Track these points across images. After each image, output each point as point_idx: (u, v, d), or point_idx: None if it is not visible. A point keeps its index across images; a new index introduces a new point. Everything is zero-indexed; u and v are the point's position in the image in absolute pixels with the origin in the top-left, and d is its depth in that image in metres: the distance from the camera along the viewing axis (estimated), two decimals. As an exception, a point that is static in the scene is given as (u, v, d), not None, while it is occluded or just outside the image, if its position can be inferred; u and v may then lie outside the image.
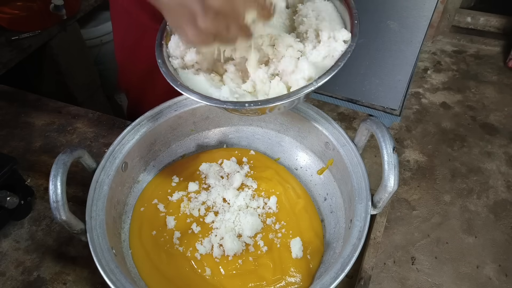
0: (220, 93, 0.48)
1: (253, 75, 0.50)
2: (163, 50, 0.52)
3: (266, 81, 0.50)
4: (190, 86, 0.49)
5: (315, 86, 0.45)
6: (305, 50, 0.50)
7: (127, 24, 0.83)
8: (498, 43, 2.29)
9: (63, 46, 1.34)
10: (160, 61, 0.51)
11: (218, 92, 0.48)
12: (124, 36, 0.87)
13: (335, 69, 0.45)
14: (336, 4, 0.53)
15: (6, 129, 0.82)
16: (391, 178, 0.49)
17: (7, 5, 1.18)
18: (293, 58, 0.49)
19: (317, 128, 0.63)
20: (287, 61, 0.49)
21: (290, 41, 0.50)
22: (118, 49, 0.90)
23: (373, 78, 1.53)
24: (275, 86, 0.49)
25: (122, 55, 0.91)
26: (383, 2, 1.14)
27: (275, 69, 0.51)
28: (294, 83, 0.48)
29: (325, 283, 0.46)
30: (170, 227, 0.60)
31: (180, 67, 0.52)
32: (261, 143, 0.72)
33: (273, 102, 0.45)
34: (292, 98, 0.45)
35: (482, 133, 1.87)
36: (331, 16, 0.52)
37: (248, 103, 0.45)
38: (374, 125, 0.52)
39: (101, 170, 0.56)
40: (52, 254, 0.63)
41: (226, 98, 0.47)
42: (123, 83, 0.96)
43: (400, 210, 1.59)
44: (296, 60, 0.49)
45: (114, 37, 0.90)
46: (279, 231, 0.60)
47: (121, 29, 0.87)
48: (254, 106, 0.45)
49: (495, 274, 1.41)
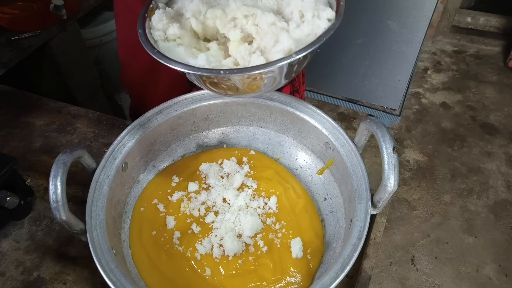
0: (196, 61, 0.47)
1: (234, 52, 0.50)
2: (145, 22, 0.52)
3: (247, 57, 0.49)
4: (169, 55, 0.49)
5: (294, 57, 0.44)
6: (288, 28, 0.50)
7: (130, 22, 0.83)
8: (498, 43, 2.29)
9: (63, 46, 1.34)
10: (141, 31, 0.51)
11: (194, 60, 0.48)
12: (127, 34, 0.87)
13: (317, 43, 0.45)
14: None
15: (6, 129, 0.82)
16: (391, 178, 0.49)
17: (7, 5, 1.18)
18: (274, 34, 0.49)
19: (317, 128, 0.63)
20: (268, 37, 0.48)
21: (273, 19, 0.50)
22: (121, 47, 0.90)
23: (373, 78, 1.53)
24: (255, 60, 0.48)
25: (125, 53, 0.91)
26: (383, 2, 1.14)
27: (258, 47, 0.50)
28: (274, 55, 0.47)
29: (325, 283, 0.46)
30: (170, 227, 0.60)
31: (161, 39, 0.52)
32: (261, 143, 0.72)
33: (249, 71, 0.44)
34: (269, 68, 0.44)
35: (482, 133, 1.87)
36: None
37: (223, 71, 0.44)
38: (374, 125, 0.52)
39: (101, 170, 0.56)
40: (52, 254, 0.63)
41: (202, 66, 0.46)
42: (126, 81, 0.96)
43: (400, 210, 1.59)
44: (277, 35, 0.49)
45: (118, 35, 0.90)
46: (279, 231, 0.60)
47: (125, 27, 0.87)
48: (229, 74, 0.44)
49: (495, 274, 1.41)
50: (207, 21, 0.52)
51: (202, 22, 0.53)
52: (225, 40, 0.52)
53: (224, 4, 0.53)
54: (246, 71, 0.45)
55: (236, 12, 0.50)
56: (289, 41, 0.47)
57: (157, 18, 0.53)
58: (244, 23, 0.50)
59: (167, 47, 0.52)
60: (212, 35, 0.54)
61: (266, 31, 0.49)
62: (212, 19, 0.51)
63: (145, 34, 0.51)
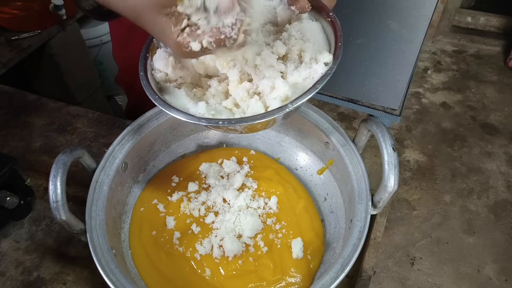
0: (196, 109, 0.47)
1: (233, 93, 0.50)
2: (147, 63, 0.51)
3: (246, 99, 0.49)
4: (170, 99, 0.49)
5: (289, 108, 0.44)
6: (286, 70, 0.49)
7: (125, 25, 0.83)
8: (498, 43, 2.29)
9: (63, 46, 1.34)
10: (142, 73, 0.50)
11: (195, 108, 0.47)
12: (122, 37, 0.87)
13: (312, 92, 0.44)
14: (323, 24, 0.52)
15: (6, 129, 0.82)
16: (391, 178, 0.49)
17: (7, 5, 1.18)
18: (271, 78, 0.48)
19: (317, 128, 0.63)
20: (265, 82, 0.48)
21: (272, 62, 0.49)
22: (116, 49, 0.91)
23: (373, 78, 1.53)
24: (253, 105, 0.48)
25: (120, 55, 0.91)
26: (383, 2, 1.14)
27: (257, 88, 0.50)
28: (271, 102, 0.47)
29: (325, 283, 0.46)
30: (170, 227, 0.60)
31: (162, 80, 0.52)
32: (261, 143, 0.72)
33: (246, 121, 0.44)
34: (267, 118, 0.44)
35: (482, 133, 1.87)
36: (316, 37, 0.50)
37: (222, 121, 0.44)
38: (374, 125, 0.52)
39: (101, 170, 0.56)
40: (52, 254, 0.63)
41: (202, 114, 0.46)
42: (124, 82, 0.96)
43: (400, 210, 1.59)
44: (273, 80, 0.48)
45: (112, 38, 0.90)
46: (280, 231, 0.60)
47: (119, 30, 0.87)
48: (227, 124, 0.44)
49: (495, 274, 1.41)
50: (206, 61, 0.51)
51: (202, 62, 0.52)
52: (225, 76, 0.52)
53: None
54: (243, 122, 0.45)
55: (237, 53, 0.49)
56: (285, 87, 0.46)
57: (159, 58, 0.52)
58: (244, 64, 0.50)
59: (168, 89, 0.51)
60: (214, 72, 0.53)
61: (264, 74, 0.49)
62: (212, 60, 0.51)
63: (146, 77, 0.50)
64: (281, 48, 0.50)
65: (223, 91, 0.51)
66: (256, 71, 0.50)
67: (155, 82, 0.51)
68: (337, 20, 0.48)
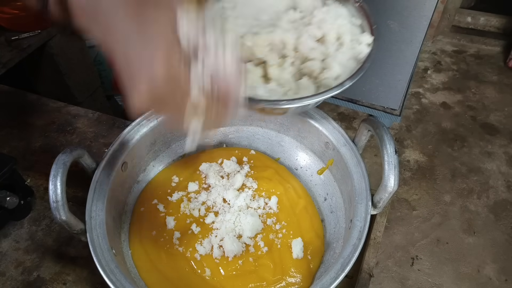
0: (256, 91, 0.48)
1: (276, 76, 0.51)
2: None
3: (291, 81, 0.50)
4: None
5: (347, 85, 0.46)
6: (328, 52, 0.51)
7: None
8: (498, 43, 2.29)
9: (63, 46, 1.34)
10: None
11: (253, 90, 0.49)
12: None
13: (363, 70, 0.48)
14: (349, 9, 0.54)
15: (6, 129, 0.82)
16: (391, 178, 0.49)
17: (7, 5, 1.18)
18: (316, 59, 0.50)
19: (317, 128, 0.63)
20: (314, 63, 0.50)
21: (312, 44, 0.51)
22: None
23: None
24: (305, 85, 0.49)
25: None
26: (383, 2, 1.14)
27: (301, 70, 0.51)
28: (323, 82, 0.49)
29: (325, 283, 0.46)
30: (170, 227, 0.60)
31: None
32: (261, 143, 0.72)
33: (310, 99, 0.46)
34: (326, 95, 0.46)
35: (482, 133, 1.87)
36: (349, 20, 0.53)
37: (285, 101, 0.46)
38: (374, 125, 0.52)
39: (101, 170, 0.56)
40: (52, 254, 0.63)
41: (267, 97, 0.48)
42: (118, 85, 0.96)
43: (400, 210, 1.59)
44: (320, 61, 0.50)
45: None
46: (280, 231, 0.60)
47: None
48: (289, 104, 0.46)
49: (495, 274, 1.41)
50: (243, 46, 0.53)
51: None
52: (258, 61, 0.53)
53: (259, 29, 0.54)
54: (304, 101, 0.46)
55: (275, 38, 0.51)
56: (337, 67, 0.49)
57: None
58: (281, 48, 0.51)
59: None
60: (250, 57, 0.54)
61: (306, 56, 0.51)
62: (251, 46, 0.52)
63: None
64: (318, 31, 0.52)
65: (260, 75, 0.53)
66: (296, 54, 0.52)
67: None
68: (365, 4, 0.52)
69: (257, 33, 0.52)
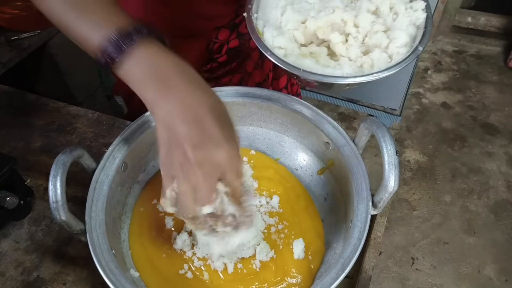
0: (336, 71, 0.54)
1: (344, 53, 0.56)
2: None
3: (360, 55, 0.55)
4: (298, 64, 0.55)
5: (420, 50, 0.52)
6: (386, 23, 0.56)
7: None
8: (498, 43, 2.29)
9: (63, 46, 1.34)
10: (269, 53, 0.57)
11: (335, 70, 0.54)
12: None
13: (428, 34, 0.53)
14: None
15: (5, 129, 0.82)
16: (391, 178, 0.49)
17: (7, 5, 1.18)
18: (380, 31, 0.55)
19: (317, 128, 0.62)
20: (379, 35, 0.55)
21: (371, 18, 0.56)
22: None
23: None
24: (379, 57, 0.54)
25: None
26: (383, 2, 1.14)
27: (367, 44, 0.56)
28: (395, 50, 0.54)
29: (326, 283, 0.46)
30: (168, 227, 0.60)
31: (282, 55, 0.58)
32: (261, 143, 0.72)
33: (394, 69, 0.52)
34: (408, 62, 0.52)
35: (483, 133, 1.87)
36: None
37: (378, 73, 0.51)
38: (375, 125, 0.52)
39: (101, 170, 0.56)
40: (52, 254, 0.63)
41: (347, 73, 0.53)
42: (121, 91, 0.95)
43: (401, 210, 1.59)
44: (383, 33, 0.55)
45: None
46: (282, 231, 0.60)
47: None
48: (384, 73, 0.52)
49: (495, 275, 1.41)
50: (305, 30, 0.58)
51: (302, 32, 0.59)
52: (319, 42, 0.58)
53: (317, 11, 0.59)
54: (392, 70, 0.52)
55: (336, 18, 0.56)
56: (405, 35, 0.54)
57: (276, 35, 0.58)
58: (342, 26, 0.56)
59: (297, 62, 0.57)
60: (308, 40, 0.60)
61: (368, 29, 0.55)
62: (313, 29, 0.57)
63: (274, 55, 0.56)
64: (371, 5, 0.57)
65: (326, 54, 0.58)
66: (358, 30, 0.56)
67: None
68: None
69: (314, 17, 0.57)
